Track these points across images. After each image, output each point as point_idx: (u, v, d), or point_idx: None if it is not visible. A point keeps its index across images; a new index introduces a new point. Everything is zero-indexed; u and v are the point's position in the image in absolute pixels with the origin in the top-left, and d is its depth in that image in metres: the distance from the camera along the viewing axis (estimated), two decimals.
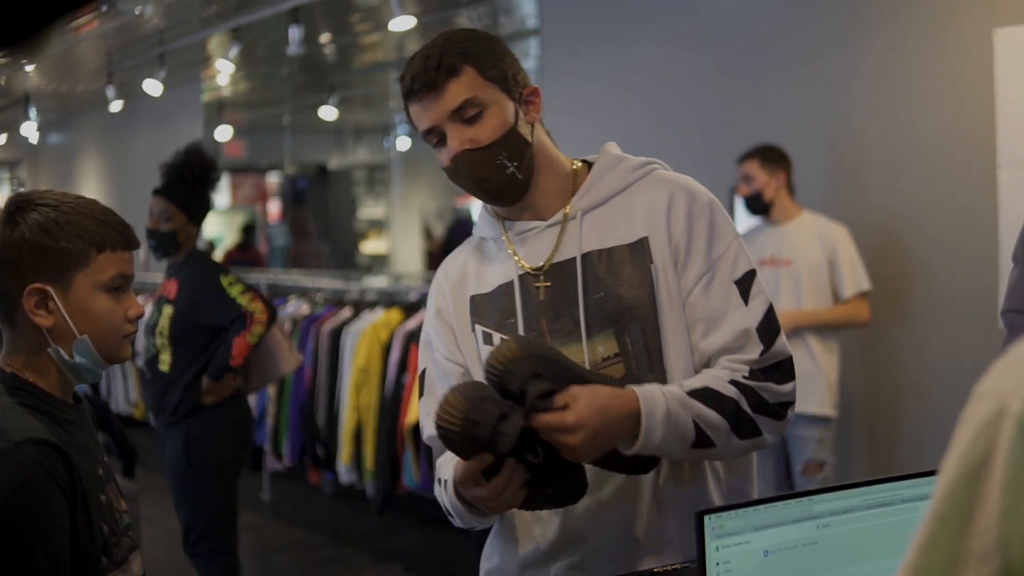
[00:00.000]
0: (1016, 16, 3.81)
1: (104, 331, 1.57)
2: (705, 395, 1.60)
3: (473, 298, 1.77)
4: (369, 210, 11.64)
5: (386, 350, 5.16)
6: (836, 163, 4.41)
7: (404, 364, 5.02)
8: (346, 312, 5.63)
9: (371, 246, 11.45)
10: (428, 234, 10.78)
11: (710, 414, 1.59)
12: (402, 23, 6.23)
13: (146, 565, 1.69)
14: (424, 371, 1.83)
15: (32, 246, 1.52)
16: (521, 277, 1.72)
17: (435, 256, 10.15)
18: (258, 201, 11.53)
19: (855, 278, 4.00)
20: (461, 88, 1.65)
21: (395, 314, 5.30)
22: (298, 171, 11.21)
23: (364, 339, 5.22)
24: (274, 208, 11.56)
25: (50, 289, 1.53)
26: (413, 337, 5.04)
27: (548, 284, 1.71)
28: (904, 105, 4.19)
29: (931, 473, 1.48)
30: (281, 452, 5.86)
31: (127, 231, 1.60)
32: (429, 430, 1.75)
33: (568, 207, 1.73)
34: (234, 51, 7.21)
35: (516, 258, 1.74)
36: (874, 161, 4.31)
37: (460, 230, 10.11)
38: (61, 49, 8.12)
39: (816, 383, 4.00)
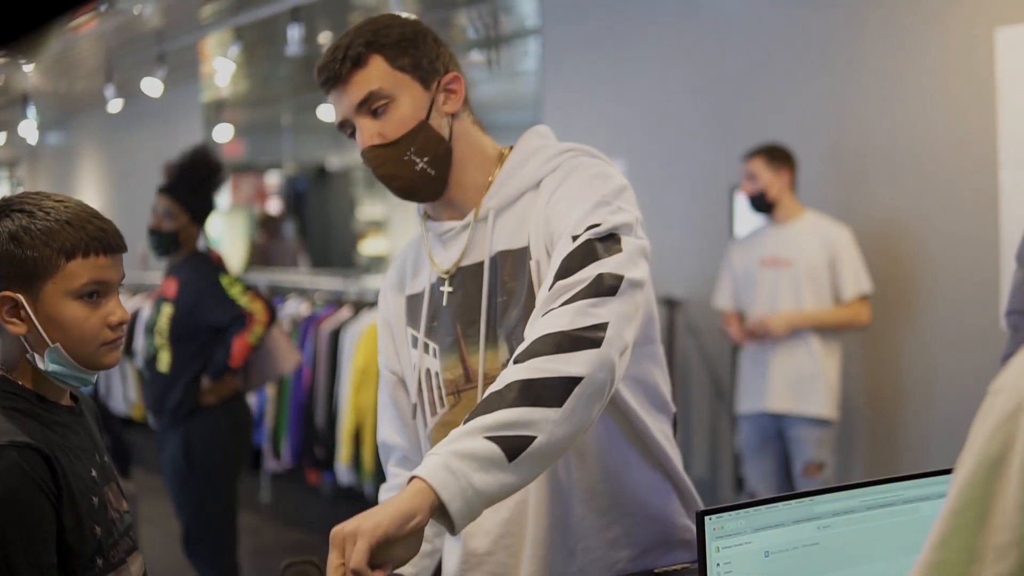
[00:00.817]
0: (1018, 15, 3.81)
1: (77, 339, 1.54)
2: (485, 403, 1.33)
3: (409, 298, 1.70)
4: (368, 210, 11.64)
5: None
6: (837, 163, 4.40)
7: None
8: (345, 312, 5.62)
9: (371, 246, 11.44)
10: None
11: (497, 417, 1.30)
12: None
13: (147, 566, 1.68)
14: (380, 373, 1.78)
15: (4, 256, 1.51)
16: (436, 281, 1.63)
17: None
18: (257, 201, 11.53)
19: (856, 280, 3.99)
20: (366, 79, 1.55)
21: None
22: (298, 171, 11.21)
23: (363, 339, 5.21)
24: (274, 208, 11.55)
25: (20, 297, 1.52)
26: None
27: (451, 290, 1.61)
28: (905, 105, 4.19)
29: (932, 474, 1.47)
30: (280, 453, 5.85)
31: (106, 236, 1.55)
32: (382, 433, 1.74)
33: (479, 206, 1.60)
34: (233, 50, 7.20)
35: (432, 261, 1.64)
36: (875, 161, 4.30)
37: None
38: (60, 48, 8.12)
39: (817, 384, 4.00)
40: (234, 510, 3.85)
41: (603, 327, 1.35)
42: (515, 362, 1.34)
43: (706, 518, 1.37)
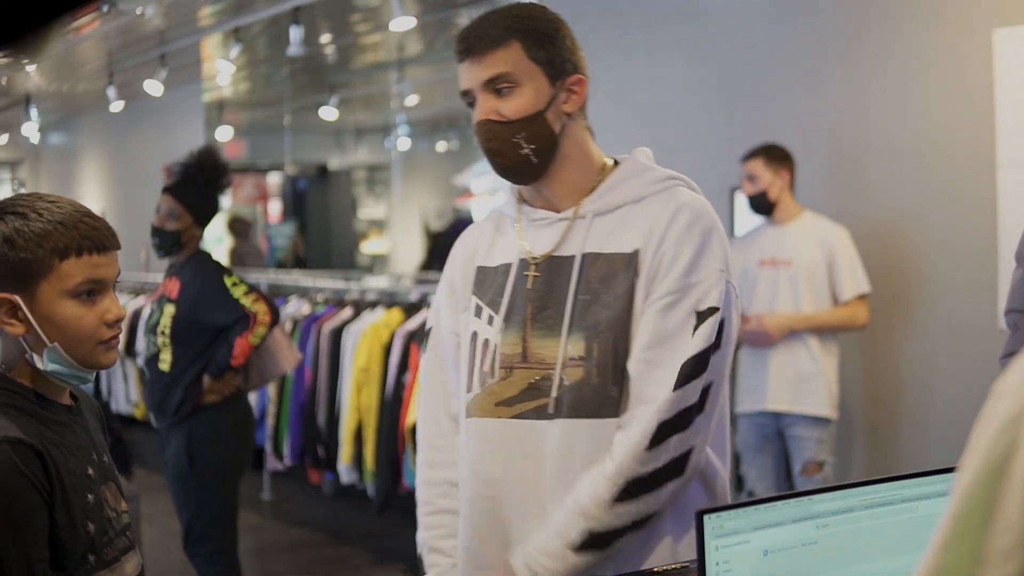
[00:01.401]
0: (1016, 17, 3.81)
1: (74, 338, 1.56)
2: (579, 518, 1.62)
3: (479, 269, 1.80)
4: (369, 210, 11.65)
5: (387, 350, 5.16)
6: (836, 163, 4.41)
7: (405, 364, 5.03)
8: (347, 312, 5.63)
9: (371, 246, 11.45)
10: (428, 234, 10.79)
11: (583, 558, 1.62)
12: (402, 23, 6.23)
13: (146, 565, 1.68)
14: (430, 329, 1.87)
15: (1, 259, 1.52)
16: (521, 262, 1.74)
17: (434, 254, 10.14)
18: (259, 201, 11.53)
19: (854, 280, 4.00)
20: (500, 61, 1.66)
21: (396, 314, 5.31)
22: (298, 171, 11.21)
23: (365, 339, 5.22)
24: (274, 208, 11.56)
25: (17, 299, 1.54)
26: (414, 337, 5.04)
27: (538, 275, 1.71)
28: (904, 106, 4.20)
29: (931, 473, 1.48)
30: (282, 452, 5.86)
31: (99, 234, 1.56)
32: (423, 405, 1.85)
33: (580, 206, 1.72)
34: (235, 51, 7.21)
35: (523, 243, 1.74)
36: (874, 161, 4.31)
37: (460, 229, 10.11)
38: (62, 49, 8.13)
39: (816, 384, 4.00)
40: (235, 509, 3.86)
41: (690, 452, 1.63)
42: (623, 485, 1.60)
43: (705, 517, 1.37)
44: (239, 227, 9.85)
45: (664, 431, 1.60)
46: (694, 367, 1.62)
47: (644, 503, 1.61)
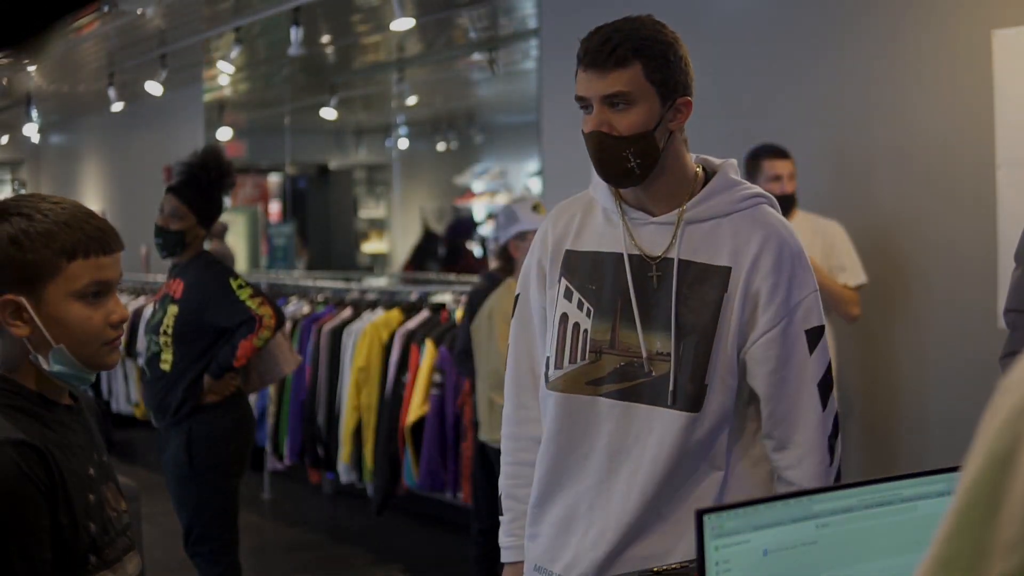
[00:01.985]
0: (1014, 18, 3.82)
1: (80, 339, 1.56)
2: None
3: (568, 252, 1.93)
4: (370, 210, 11.65)
5: (386, 350, 5.17)
6: (835, 163, 4.42)
7: (404, 364, 5.03)
8: (346, 312, 5.64)
9: (372, 246, 11.46)
10: (428, 234, 10.80)
11: None
12: (403, 24, 6.24)
13: (146, 565, 1.69)
14: (518, 296, 2.03)
15: (1, 259, 1.52)
16: (617, 256, 1.88)
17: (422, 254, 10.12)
18: (259, 201, 11.53)
19: (854, 271, 4.01)
20: (622, 79, 1.79)
21: (395, 314, 5.31)
22: (299, 171, 11.22)
23: (364, 339, 5.23)
24: (275, 209, 11.56)
25: (23, 300, 1.53)
26: (413, 337, 5.05)
27: (660, 275, 1.86)
28: (903, 106, 4.20)
29: (930, 472, 1.48)
30: (281, 451, 5.87)
31: (104, 236, 1.57)
32: (511, 363, 2.02)
33: (683, 212, 1.86)
34: (235, 52, 7.21)
35: (633, 240, 1.88)
36: (873, 161, 4.31)
37: (461, 229, 10.12)
38: (63, 50, 8.13)
39: None
40: (235, 509, 3.86)
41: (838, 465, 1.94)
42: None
43: (704, 517, 1.38)
44: (216, 229, 9.82)
45: (831, 444, 1.88)
46: (826, 383, 1.85)
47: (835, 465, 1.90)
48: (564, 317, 1.90)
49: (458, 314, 4.86)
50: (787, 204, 4.09)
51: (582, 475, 1.91)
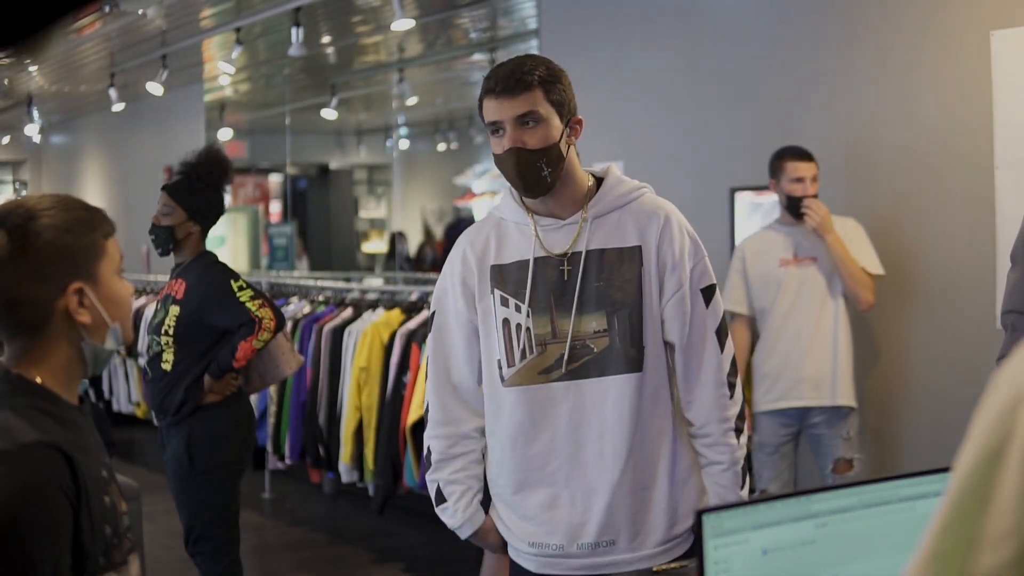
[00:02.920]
0: (1013, 18, 3.83)
1: (126, 313, 1.63)
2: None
3: (493, 267, 2.20)
4: (370, 210, 11.66)
5: (387, 350, 5.17)
6: (834, 164, 4.42)
7: (405, 364, 5.04)
8: (347, 312, 5.64)
9: (372, 246, 11.47)
10: (428, 234, 10.80)
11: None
12: (403, 24, 6.24)
13: (147, 565, 1.69)
14: (434, 313, 2.28)
15: (60, 249, 1.54)
16: (537, 259, 2.16)
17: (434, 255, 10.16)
18: (260, 202, 11.54)
19: (872, 262, 4.02)
20: (529, 101, 2.09)
21: (396, 314, 5.32)
22: (299, 172, 11.22)
23: (365, 339, 5.23)
24: (275, 209, 11.57)
25: (84, 285, 1.56)
26: (414, 337, 5.05)
27: (570, 268, 2.14)
28: (902, 107, 4.21)
29: (930, 472, 1.49)
30: (282, 451, 5.87)
31: (110, 219, 1.65)
32: (431, 379, 2.27)
33: (585, 212, 2.17)
34: (236, 52, 7.22)
35: (540, 243, 2.17)
36: (872, 162, 4.32)
37: (461, 229, 10.12)
38: (64, 50, 8.13)
39: (841, 375, 4.01)
40: (236, 509, 3.86)
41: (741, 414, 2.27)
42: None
43: (704, 516, 1.38)
44: None
45: (730, 381, 2.20)
46: (722, 330, 2.19)
47: (744, 433, 2.21)
48: (506, 322, 2.17)
49: None
50: (800, 205, 4.09)
51: (552, 456, 2.16)
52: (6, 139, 12.83)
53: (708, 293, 2.18)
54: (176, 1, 6.72)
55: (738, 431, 2.20)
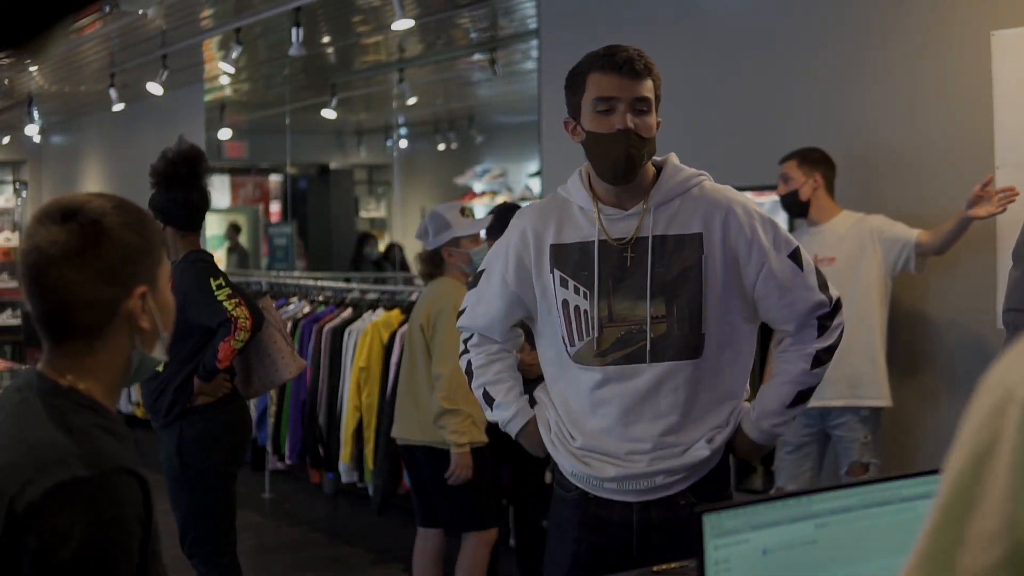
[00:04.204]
0: (1014, 18, 3.83)
1: (170, 323, 1.51)
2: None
3: (553, 246, 2.24)
4: (370, 210, 11.66)
5: (387, 350, 5.17)
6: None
7: None
8: (347, 312, 5.64)
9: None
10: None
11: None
12: (403, 24, 6.24)
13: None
14: (483, 271, 2.37)
15: (134, 249, 1.42)
16: (603, 243, 2.20)
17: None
18: (260, 202, 11.54)
19: (912, 231, 3.94)
20: (647, 87, 2.17)
21: (396, 314, 5.32)
22: (299, 171, 11.22)
23: (365, 339, 5.23)
24: (275, 209, 11.57)
25: (147, 290, 1.45)
26: None
27: (634, 255, 2.19)
28: (903, 107, 4.21)
29: (928, 472, 1.49)
30: (282, 451, 5.87)
31: None
32: (467, 318, 2.40)
33: (647, 201, 2.21)
34: (236, 52, 7.22)
35: (603, 228, 2.21)
36: (872, 163, 4.32)
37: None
38: (64, 50, 8.13)
39: (873, 375, 3.96)
40: (231, 511, 3.83)
41: (841, 328, 2.36)
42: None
43: (704, 516, 1.38)
44: None
45: (824, 322, 2.25)
46: (818, 276, 2.25)
47: (824, 368, 2.26)
48: (565, 303, 2.22)
49: None
50: (791, 203, 4.10)
51: (603, 434, 2.21)
52: (6, 139, 12.83)
53: (795, 256, 2.23)
54: (176, 1, 6.72)
55: (819, 362, 2.25)
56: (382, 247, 10.70)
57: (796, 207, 4.12)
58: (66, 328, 1.42)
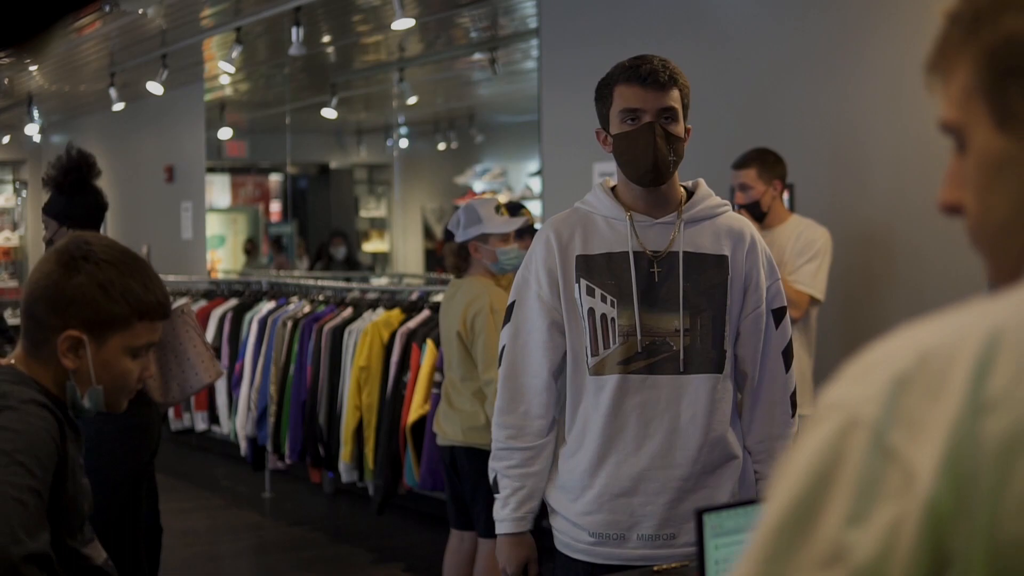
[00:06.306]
0: None
1: (117, 387, 1.73)
2: None
3: (579, 257, 2.27)
4: (370, 210, 11.66)
5: (387, 349, 5.17)
6: (833, 164, 4.42)
7: (405, 363, 5.04)
8: (347, 312, 5.64)
9: (372, 246, 11.47)
10: (428, 234, 10.80)
11: None
12: (403, 24, 6.25)
13: (157, 565, 1.81)
14: (513, 303, 2.33)
15: (86, 298, 1.64)
16: (636, 254, 2.25)
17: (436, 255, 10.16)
18: (260, 201, 11.54)
19: (814, 279, 3.87)
20: (673, 97, 2.23)
21: (396, 314, 5.32)
22: (300, 171, 11.22)
23: (365, 338, 5.24)
24: (275, 208, 11.57)
25: (85, 339, 1.66)
26: (414, 336, 5.05)
27: (660, 270, 2.24)
28: (902, 106, 4.21)
29: None
30: (282, 450, 5.87)
31: (167, 301, 1.73)
32: (507, 359, 2.33)
33: (681, 215, 2.28)
34: (236, 52, 7.22)
35: (638, 239, 2.25)
36: (871, 162, 4.32)
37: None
38: (64, 50, 8.14)
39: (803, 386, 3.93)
40: (131, 528, 3.49)
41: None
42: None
43: (704, 516, 1.39)
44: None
45: (793, 400, 2.34)
46: (788, 351, 2.32)
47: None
48: (591, 311, 2.25)
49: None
50: (752, 212, 3.99)
51: (622, 446, 2.24)
52: (6, 139, 12.83)
53: (779, 315, 2.31)
54: (176, 1, 6.73)
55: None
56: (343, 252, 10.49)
57: (757, 216, 4.02)
58: (27, 328, 1.72)
